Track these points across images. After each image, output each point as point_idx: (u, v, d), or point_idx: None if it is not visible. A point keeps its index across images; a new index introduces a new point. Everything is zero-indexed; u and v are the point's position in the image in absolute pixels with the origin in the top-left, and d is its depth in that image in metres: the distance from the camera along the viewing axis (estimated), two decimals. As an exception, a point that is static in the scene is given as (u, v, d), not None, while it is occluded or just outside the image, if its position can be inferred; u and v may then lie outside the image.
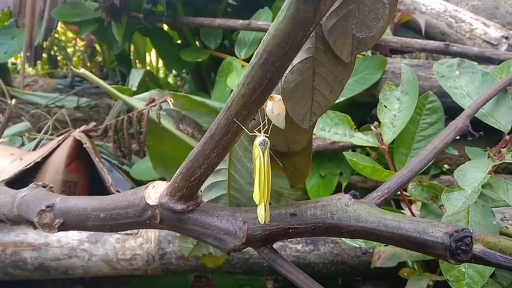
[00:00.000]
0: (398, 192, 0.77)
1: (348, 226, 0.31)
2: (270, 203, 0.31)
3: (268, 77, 0.25)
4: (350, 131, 0.51)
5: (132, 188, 0.90)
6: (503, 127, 0.43)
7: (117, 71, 1.52)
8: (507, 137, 0.43)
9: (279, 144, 0.33)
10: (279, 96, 0.27)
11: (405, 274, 0.58)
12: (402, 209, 0.75)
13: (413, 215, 0.54)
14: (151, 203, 0.35)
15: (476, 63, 0.49)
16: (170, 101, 0.61)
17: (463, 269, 0.40)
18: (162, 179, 0.87)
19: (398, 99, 0.51)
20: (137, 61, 1.55)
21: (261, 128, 0.28)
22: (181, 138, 0.75)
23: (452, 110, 0.52)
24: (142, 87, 0.94)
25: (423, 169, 0.37)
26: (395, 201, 0.77)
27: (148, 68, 1.56)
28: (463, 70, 0.48)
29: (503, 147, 0.43)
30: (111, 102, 1.51)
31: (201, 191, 0.35)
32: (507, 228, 0.52)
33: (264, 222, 0.29)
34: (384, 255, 0.59)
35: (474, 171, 0.38)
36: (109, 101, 1.51)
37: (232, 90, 0.90)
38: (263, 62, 0.24)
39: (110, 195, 0.38)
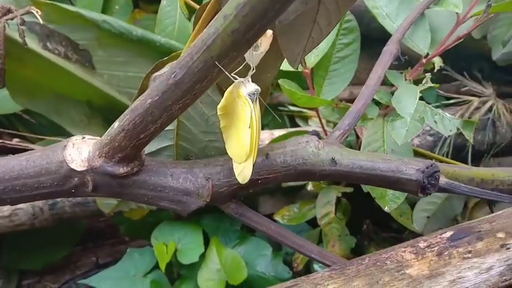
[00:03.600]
0: (294, 108, 0.79)
1: (320, 171, 0.29)
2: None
3: (276, 7, 0.18)
4: (274, 54, 0.46)
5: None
6: (421, 50, 0.45)
7: None
8: (424, 60, 0.45)
9: (241, 84, 0.28)
10: (270, 31, 0.21)
11: (311, 188, 0.62)
12: (299, 125, 0.77)
13: (325, 133, 0.55)
14: (78, 169, 0.26)
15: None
16: (37, 12, 0.46)
17: (386, 186, 0.44)
18: (28, 111, 0.70)
19: (319, 19, 0.48)
20: None
21: (249, 73, 0.22)
22: (50, 59, 0.59)
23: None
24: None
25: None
26: (290, 118, 0.79)
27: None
28: (383, -10, 0.47)
29: (420, 70, 0.45)
30: None
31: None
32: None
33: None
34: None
35: (407, 98, 0.39)
36: None
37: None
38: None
39: (5, 161, 0.28)
